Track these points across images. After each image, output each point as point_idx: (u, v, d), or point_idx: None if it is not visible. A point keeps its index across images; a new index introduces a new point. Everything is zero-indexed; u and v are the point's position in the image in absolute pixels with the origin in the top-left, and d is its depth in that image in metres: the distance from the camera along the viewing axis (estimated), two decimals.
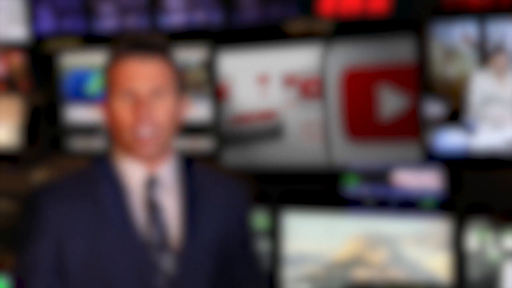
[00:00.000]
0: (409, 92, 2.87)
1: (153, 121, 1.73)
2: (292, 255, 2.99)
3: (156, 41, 1.80)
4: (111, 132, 1.80)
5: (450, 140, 2.81)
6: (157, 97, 1.74)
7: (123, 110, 1.74)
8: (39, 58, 3.37)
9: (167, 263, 1.76)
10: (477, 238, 2.74)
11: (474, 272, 2.74)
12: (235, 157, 3.19)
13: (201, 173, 1.88)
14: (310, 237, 2.96)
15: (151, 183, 1.79)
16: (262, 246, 3.00)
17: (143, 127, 1.73)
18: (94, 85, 3.35)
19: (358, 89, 2.94)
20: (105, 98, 1.80)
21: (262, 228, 3.04)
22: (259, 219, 3.02)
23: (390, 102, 2.91)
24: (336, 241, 2.92)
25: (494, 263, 2.72)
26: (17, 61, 3.38)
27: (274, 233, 3.04)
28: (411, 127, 2.86)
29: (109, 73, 1.78)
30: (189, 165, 1.87)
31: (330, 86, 2.97)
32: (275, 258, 3.02)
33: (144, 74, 1.74)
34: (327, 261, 2.93)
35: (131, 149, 1.77)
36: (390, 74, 2.91)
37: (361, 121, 2.94)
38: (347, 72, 2.96)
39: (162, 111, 1.74)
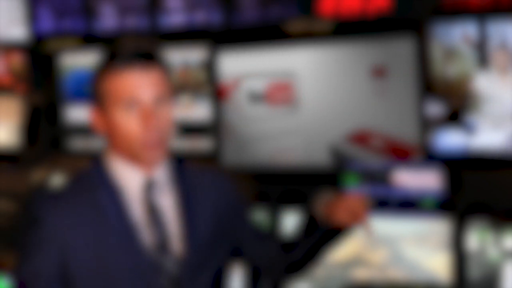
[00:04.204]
0: None
1: (159, 128, 1.76)
2: None
3: (151, 49, 1.81)
4: (109, 139, 1.81)
5: (450, 140, 2.81)
6: (160, 104, 1.77)
7: (129, 121, 1.75)
8: (39, 58, 3.37)
9: (170, 264, 1.78)
10: (477, 238, 2.74)
11: (474, 272, 2.75)
12: (235, 156, 3.20)
13: (191, 172, 1.91)
14: None
15: (149, 186, 1.81)
16: None
17: (152, 135, 1.75)
18: None
19: None
20: (98, 107, 1.80)
21: (262, 227, 3.03)
22: (259, 218, 3.02)
23: None
24: None
25: (494, 263, 2.73)
26: (17, 61, 3.38)
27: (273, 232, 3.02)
28: None
29: (107, 84, 1.78)
30: (180, 164, 1.90)
31: None
32: None
33: (147, 83, 1.76)
34: (327, 261, 2.91)
35: (138, 156, 1.79)
36: None
37: None
38: None
39: (165, 118, 1.78)
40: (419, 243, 2.82)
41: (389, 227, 2.86)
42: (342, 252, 2.91)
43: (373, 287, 2.89)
